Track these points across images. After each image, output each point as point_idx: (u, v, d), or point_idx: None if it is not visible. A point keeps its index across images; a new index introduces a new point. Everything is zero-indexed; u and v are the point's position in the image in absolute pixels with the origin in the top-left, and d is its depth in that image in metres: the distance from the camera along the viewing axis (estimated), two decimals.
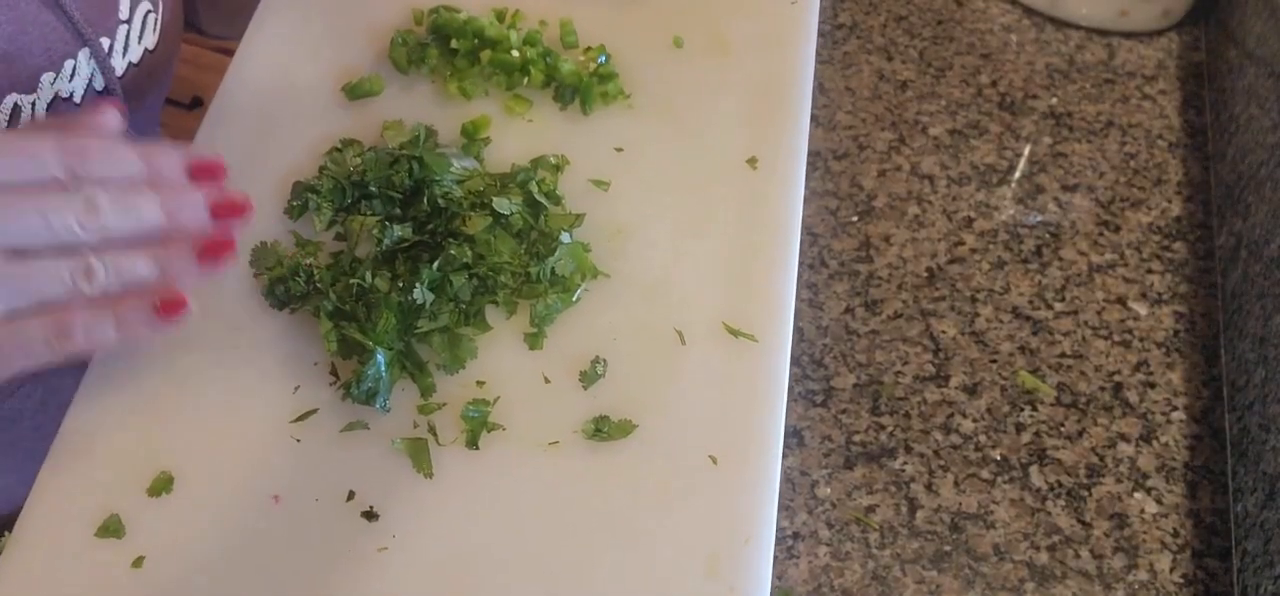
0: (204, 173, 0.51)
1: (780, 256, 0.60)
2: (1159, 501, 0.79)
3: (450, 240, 0.56)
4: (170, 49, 0.72)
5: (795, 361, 0.86)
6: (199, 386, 0.55)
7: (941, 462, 0.80)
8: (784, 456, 0.79)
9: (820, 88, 1.09)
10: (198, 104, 1.84)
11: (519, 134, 0.65)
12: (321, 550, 0.50)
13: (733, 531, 0.50)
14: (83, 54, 0.61)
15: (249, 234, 0.60)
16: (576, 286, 0.58)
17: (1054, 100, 1.14)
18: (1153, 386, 0.87)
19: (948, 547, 0.75)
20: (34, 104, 0.59)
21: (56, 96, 0.61)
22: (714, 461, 0.52)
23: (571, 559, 0.50)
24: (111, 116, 0.52)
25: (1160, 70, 1.20)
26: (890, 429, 0.82)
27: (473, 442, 0.53)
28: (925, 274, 0.94)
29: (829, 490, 0.78)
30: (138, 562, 0.50)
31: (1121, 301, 0.94)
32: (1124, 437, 0.83)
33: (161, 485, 0.52)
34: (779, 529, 0.75)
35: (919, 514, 0.77)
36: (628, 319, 0.57)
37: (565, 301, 0.57)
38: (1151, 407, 0.85)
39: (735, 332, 0.57)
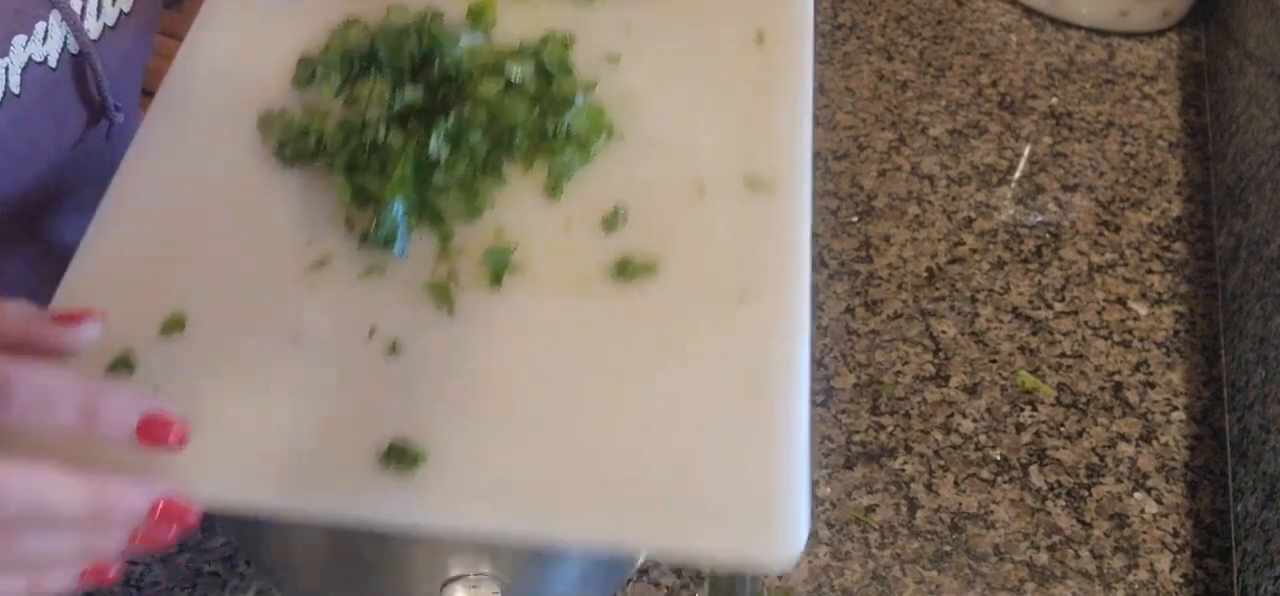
0: (155, 436, 0.43)
1: (794, 112, 0.59)
2: (1159, 501, 0.79)
3: (463, 103, 0.56)
4: (149, 17, 0.71)
5: None
6: (208, 236, 0.54)
7: (941, 462, 0.80)
8: None
9: (820, 88, 1.09)
10: None
11: (524, 19, 0.64)
12: (342, 384, 0.49)
13: (768, 353, 0.49)
14: (54, 16, 0.60)
15: (255, 107, 0.59)
16: (593, 142, 0.57)
17: (1054, 100, 1.14)
18: (1153, 386, 0.87)
19: (948, 547, 0.75)
20: (6, 69, 0.58)
21: (30, 60, 0.60)
22: (742, 297, 0.51)
23: (603, 386, 0.49)
24: (87, 330, 0.46)
25: (1160, 70, 1.20)
26: (890, 429, 0.82)
27: (496, 281, 0.52)
28: (925, 274, 0.94)
29: (829, 490, 0.78)
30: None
31: (1121, 301, 0.94)
32: (1124, 437, 0.83)
33: (173, 325, 0.51)
34: None
35: (919, 514, 0.77)
36: (646, 174, 0.57)
37: (583, 157, 0.57)
38: (1151, 407, 0.85)
39: (754, 184, 0.56)
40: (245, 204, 0.55)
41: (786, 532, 0.45)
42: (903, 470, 0.79)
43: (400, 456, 0.46)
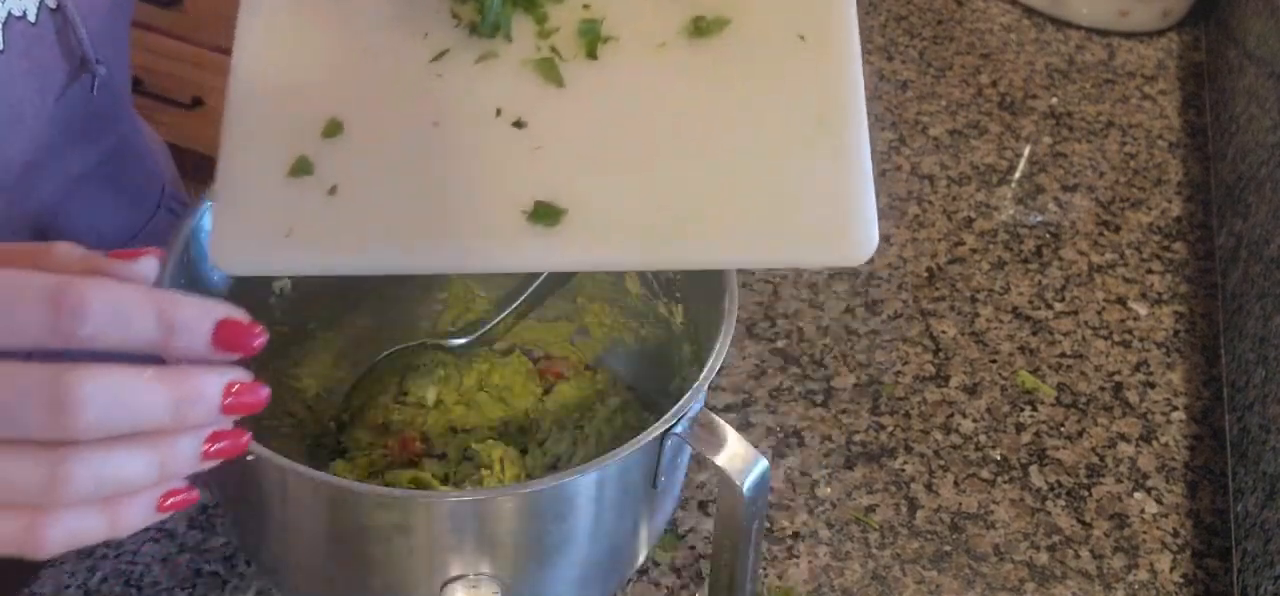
0: (231, 342, 0.43)
1: None
2: (1159, 501, 0.79)
3: None
4: None
5: (795, 361, 0.86)
6: (339, 43, 0.60)
7: (941, 462, 0.80)
8: (784, 455, 0.79)
9: None
10: (198, 104, 1.84)
11: None
12: (486, 160, 0.56)
13: (835, 92, 0.57)
14: None
15: None
16: None
17: (1054, 100, 1.14)
18: (1153, 386, 0.87)
19: (948, 547, 0.75)
20: None
21: (10, 15, 0.59)
22: (803, 39, 0.58)
23: (698, 134, 0.56)
24: (146, 265, 0.44)
25: (1160, 70, 1.20)
26: (890, 429, 0.82)
27: (592, 53, 0.58)
28: (925, 274, 0.94)
29: (829, 490, 0.78)
30: (332, 191, 0.55)
31: (1121, 301, 0.94)
32: (1124, 437, 0.83)
33: (333, 128, 0.57)
34: (779, 528, 0.75)
35: (919, 514, 0.77)
36: None
37: None
38: (1151, 407, 0.85)
39: None
40: (359, 11, 0.60)
41: (863, 235, 0.54)
42: (903, 470, 0.79)
43: (546, 213, 0.55)
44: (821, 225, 0.54)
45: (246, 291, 0.66)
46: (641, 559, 0.66)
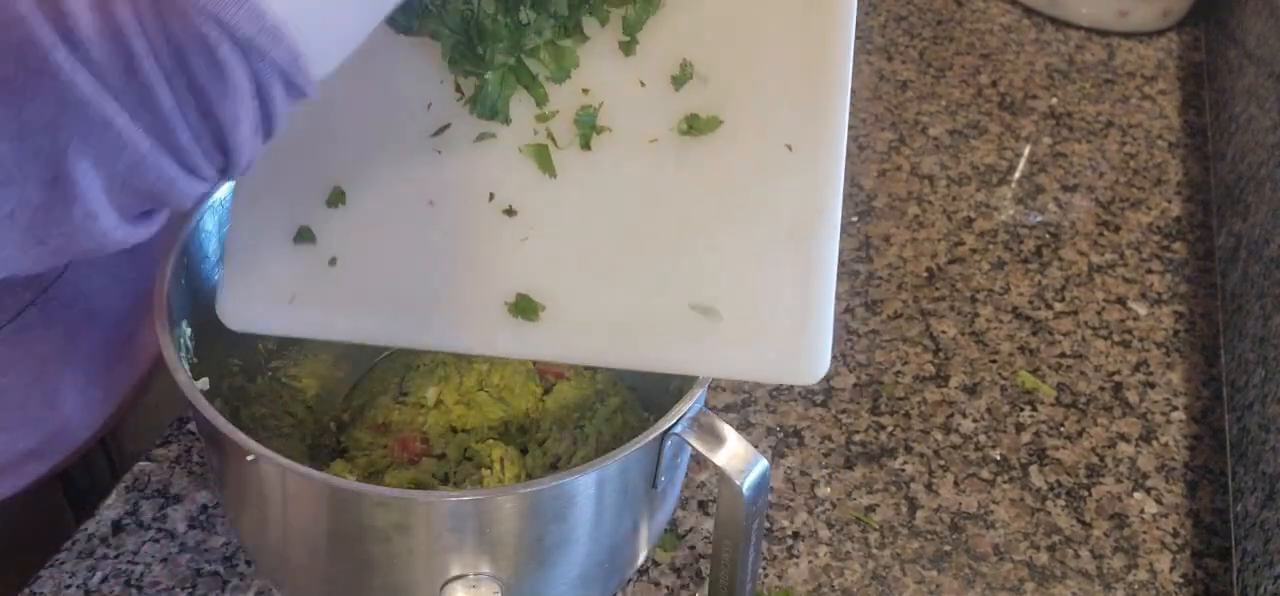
0: None
1: None
2: (1159, 501, 0.79)
3: None
4: None
5: None
6: (346, 110, 0.61)
7: (941, 462, 0.80)
8: (783, 455, 0.79)
9: None
10: None
11: None
12: (476, 247, 0.60)
13: (810, 206, 0.59)
14: None
15: None
16: None
17: (1054, 100, 1.14)
18: (1153, 386, 0.87)
19: (948, 547, 0.75)
20: None
21: None
22: (789, 149, 0.59)
23: (676, 235, 0.59)
24: None
25: (1160, 70, 1.20)
26: (890, 429, 0.82)
27: (586, 144, 0.60)
28: (925, 274, 0.94)
29: (829, 490, 0.78)
30: (332, 262, 0.60)
31: (1121, 301, 0.94)
32: (1124, 437, 0.83)
33: (337, 198, 0.60)
34: (779, 528, 0.75)
35: (919, 514, 0.77)
36: (708, 18, 0.62)
37: (651, 8, 0.62)
38: (1151, 407, 0.85)
39: (806, 33, 0.62)
40: (370, 74, 0.62)
41: (816, 357, 0.57)
42: (903, 470, 0.79)
43: (525, 306, 0.59)
44: (779, 345, 0.58)
45: None
46: (641, 559, 0.66)
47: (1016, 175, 1.05)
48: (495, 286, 0.59)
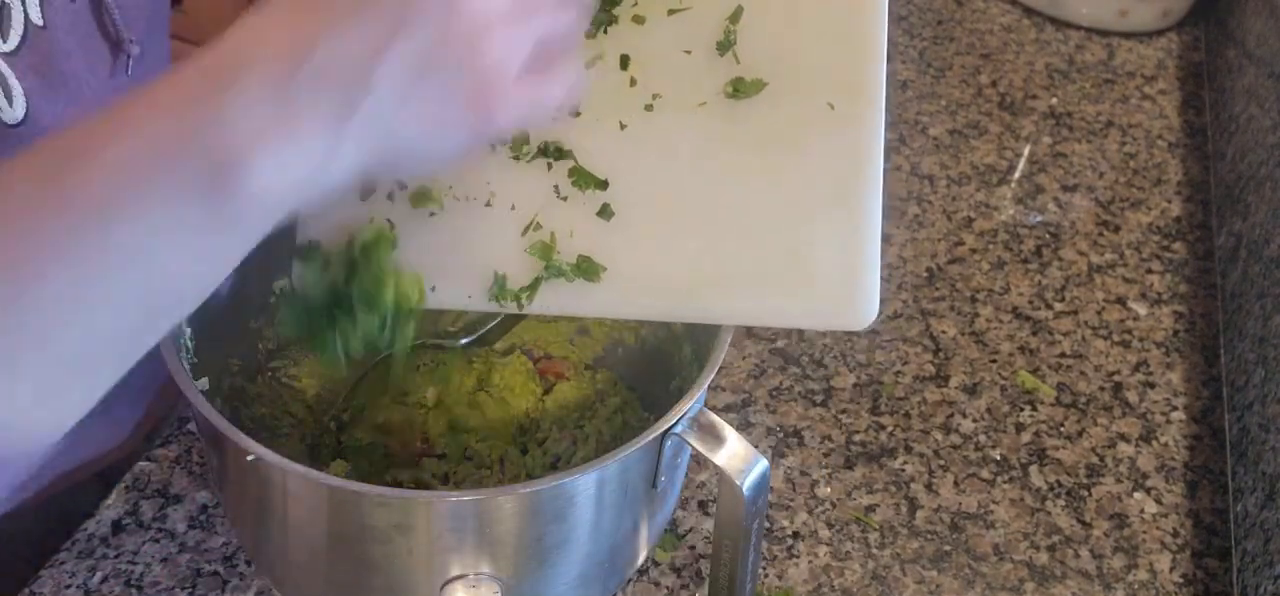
0: None
1: None
2: (1159, 501, 0.79)
3: None
4: None
5: (795, 361, 0.86)
6: None
7: (941, 462, 0.80)
8: (783, 455, 0.79)
9: None
10: None
11: None
12: (531, 211, 0.62)
13: (853, 163, 0.61)
14: None
15: None
16: None
17: (1054, 100, 1.14)
18: (1153, 386, 0.87)
19: (948, 547, 0.75)
20: (25, 1, 0.59)
21: None
22: (832, 107, 0.61)
23: (728, 193, 0.61)
24: None
25: (1160, 70, 1.20)
26: (890, 429, 0.82)
27: (647, 107, 0.62)
28: (925, 274, 0.94)
29: (829, 490, 0.78)
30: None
31: (1121, 301, 0.94)
32: (1124, 437, 0.83)
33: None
34: (779, 528, 0.75)
35: (919, 514, 0.77)
36: None
37: None
38: (1151, 407, 0.85)
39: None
40: None
41: (865, 304, 0.60)
42: (903, 470, 0.79)
43: (587, 268, 0.61)
44: (830, 292, 0.60)
45: (248, 291, 0.66)
46: (641, 559, 0.66)
47: (1016, 175, 1.05)
48: (557, 248, 0.62)
